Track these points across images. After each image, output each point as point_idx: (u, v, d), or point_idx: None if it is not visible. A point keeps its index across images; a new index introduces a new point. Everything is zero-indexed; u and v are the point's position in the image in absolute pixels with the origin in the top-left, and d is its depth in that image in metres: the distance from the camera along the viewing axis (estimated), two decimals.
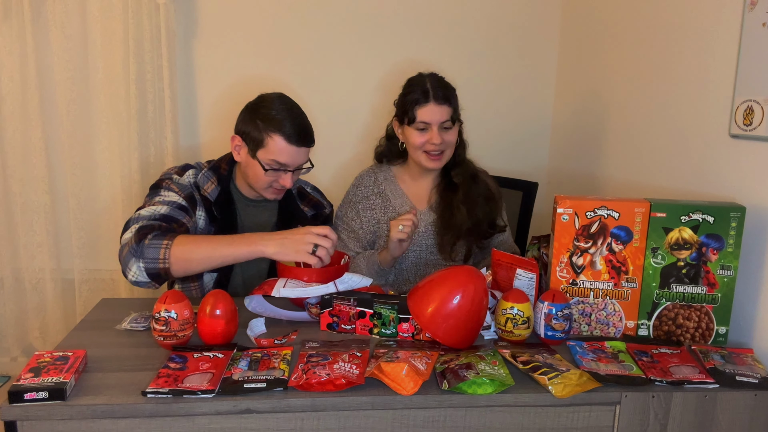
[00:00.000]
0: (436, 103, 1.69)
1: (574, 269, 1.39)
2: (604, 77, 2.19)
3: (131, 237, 1.44)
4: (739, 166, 1.48)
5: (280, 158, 1.56)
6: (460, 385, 1.13)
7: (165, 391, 1.08)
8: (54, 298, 2.46)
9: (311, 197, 1.83)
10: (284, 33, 2.45)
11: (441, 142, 1.71)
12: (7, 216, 2.40)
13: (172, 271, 1.42)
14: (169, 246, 1.40)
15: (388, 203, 1.82)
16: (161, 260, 1.40)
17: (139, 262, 1.41)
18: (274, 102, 1.60)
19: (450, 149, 1.76)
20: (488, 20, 2.53)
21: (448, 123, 1.71)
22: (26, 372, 1.10)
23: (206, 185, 1.65)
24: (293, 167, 1.60)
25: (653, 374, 1.20)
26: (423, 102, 1.70)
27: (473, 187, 1.79)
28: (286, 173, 1.60)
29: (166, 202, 1.55)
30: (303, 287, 1.38)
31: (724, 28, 1.53)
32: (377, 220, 1.81)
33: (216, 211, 1.64)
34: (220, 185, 1.66)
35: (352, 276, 1.40)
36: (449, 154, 1.76)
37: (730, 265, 1.35)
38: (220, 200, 1.65)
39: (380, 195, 1.83)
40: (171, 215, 1.52)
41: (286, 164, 1.58)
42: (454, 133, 1.74)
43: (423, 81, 1.73)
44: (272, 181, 1.61)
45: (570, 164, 2.48)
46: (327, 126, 2.53)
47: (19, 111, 2.32)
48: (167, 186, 1.60)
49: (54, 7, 2.26)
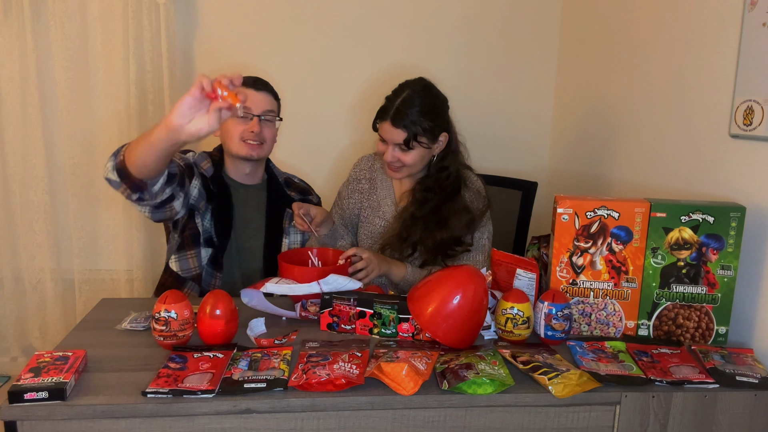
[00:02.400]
0: (391, 125, 1.66)
1: (574, 269, 1.39)
2: (604, 77, 2.19)
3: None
4: (739, 166, 1.48)
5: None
6: (460, 385, 1.13)
7: (165, 391, 1.07)
8: (54, 298, 2.46)
9: (297, 184, 1.94)
10: (284, 33, 2.45)
11: (393, 160, 1.69)
12: (7, 216, 2.40)
13: (127, 164, 1.42)
14: (126, 145, 1.47)
15: (374, 192, 1.84)
16: (121, 153, 1.45)
17: (110, 160, 1.48)
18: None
19: (410, 168, 1.71)
20: (488, 20, 2.53)
21: (403, 146, 1.66)
22: (26, 372, 1.10)
23: (203, 163, 1.78)
24: (257, 111, 1.71)
25: (653, 374, 1.20)
26: (382, 117, 1.68)
27: (446, 205, 1.72)
28: (252, 119, 1.70)
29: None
30: (289, 284, 1.41)
31: (724, 28, 1.53)
32: (361, 204, 1.85)
33: (213, 186, 1.75)
34: (213, 167, 1.78)
35: (338, 277, 1.41)
36: (411, 171, 1.73)
37: (730, 265, 1.35)
38: (214, 178, 1.77)
39: (370, 181, 1.85)
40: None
41: (248, 108, 1.69)
42: (412, 154, 1.68)
43: (397, 95, 1.69)
44: (242, 132, 1.70)
45: (570, 164, 2.48)
46: (327, 125, 2.54)
47: (19, 111, 2.32)
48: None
49: (54, 7, 2.26)
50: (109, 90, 2.35)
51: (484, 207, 1.77)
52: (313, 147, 2.51)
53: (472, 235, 1.75)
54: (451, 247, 1.73)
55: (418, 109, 1.65)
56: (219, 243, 1.75)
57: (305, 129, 2.49)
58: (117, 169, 1.45)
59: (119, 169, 1.45)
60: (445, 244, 1.72)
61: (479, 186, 1.80)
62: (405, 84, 1.72)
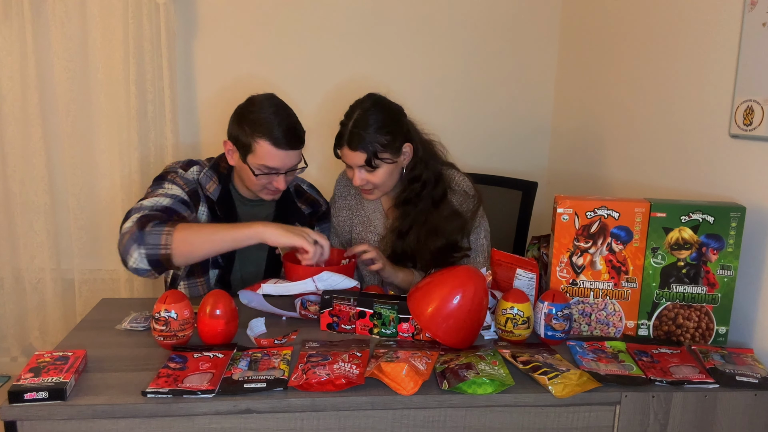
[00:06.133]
0: (349, 149, 1.61)
1: (574, 269, 1.39)
2: (604, 77, 2.19)
3: (133, 225, 1.44)
4: (739, 166, 1.48)
5: (270, 163, 1.55)
6: (460, 385, 1.13)
7: (165, 391, 1.07)
8: (54, 298, 2.46)
9: (308, 195, 1.83)
10: (284, 33, 2.45)
11: (363, 183, 1.65)
12: (7, 216, 2.40)
13: (174, 257, 1.41)
14: (171, 232, 1.40)
15: (361, 207, 1.80)
16: (162, 246, 1.40)
17: (140, 248, 1.40)
18: (262, 104, 1.58)
19: (382, 186, 1.66)
20: (488, 20, 2.53)
21: (367, 167, 1.61)
22: (26, 372, 1.10)
23: (208, 185, 1.65)
24: (284, 170, 1.59)
25: (653, 374, 1.20)
26: (340, 143, 1.63)
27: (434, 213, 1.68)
28: (278, 176, 1.58)
29: (168, 195, 1.55)
30: (285, 285, 1.41)
31: (724, 28, 1.53)
32: (351, 221, 1.81)
33: (219, 211, 1.65)
34: (220, 184, 1.66)
35: (333, 275, 1.41)
36: (384, 189, 1.68)
37: (730, 265, 1.35)
38: (221, 200, 1.66)
39: (356, 196, 1.81)
40: (173, 208, 1.52)
41: (276, 168, 1.56)
42: (379, 172, 1.62)
43: (348, 117, 1.63)
44: (266, 184, 1.60)
45: (570, 164, 2.48)
46: (327, 125, 2.53)
47: (19, 111, 2.32)
48: (172, 179, 1.60)
49: (54, 7, 2.26)
50: (109, 90, 2.35)
51: (475, 207, 1.71)
52: (311, 148, 2.51)
53: (468, 238, 1.72)
54: (449, 255, 1.69)
55: (373, 128, 1.59)
56: (225, 265, 1.68)
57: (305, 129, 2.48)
58: (153, 260, 1.40)
59: (157, 261, 1.41)
60: (442, 252, 1.68)
61: (466, 185, 1.73)
62: (354, 105, 1.66)
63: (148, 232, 1.40)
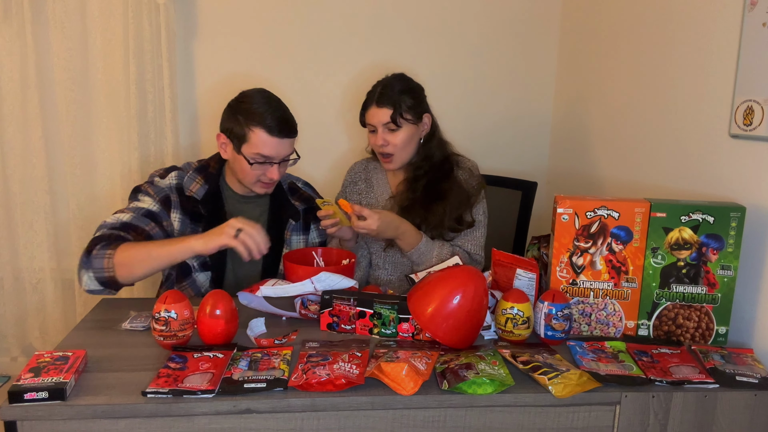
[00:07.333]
0: (377, 106, 1.76)
1: (574, 269, 1.39)
2: (604, 77, 2.19)
3: (84, 249, 1.51)
4: (739, 166, 1.48)
5: (264, 151, 1.59)
6: (460, 385, 1.13)
7: (165, 391, 1.08)
8: (54, 298, 2.45)
9: (302, 192, 1.85)
10: (284, 32, 2.45)
11: (383, 144, 1.77)
12: (7, 216, 2.39)
13: (118, 277, 1.48)
14: (111, 255, 1.47)
15: (371, 190, 1.92)
16: (106, 269, 1.47)
17: (89, 272, 1.48)
18: (253, 97, 1.63)
19: (401, 151, 1.79)
20: (488, 20, 2.53)
21: (391, 125, 1.75)
22: (26, 372, 1.10)
23: (191, 186, 1.68)
24: (278, 159, 1.62)
25: (653, 374, 1.20)
26: (368, 105, 1.79)
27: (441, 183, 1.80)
28: (272, 166, 1.62)
29: (133, 209, 1.62)
30: (283, 286, 1.41)
31: (724, 28, 1.53)
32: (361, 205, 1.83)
33: (203, 209, 1.67)
34: (207, 183, 1.69)
35: (331, 275, 1.41)
36: (402, 155, 1.80)
37: (730, 265, 1.35)
38: (207, 198, 1.68)
39: (366, 181, 1.93)
40: (132, 223, 1.57)
41: (270, 157, 1.60)
42: (400, 134, 1.76)
43: (377, 84, 1.80)
44: (260, 175, 1.63)
45: (570, 164, 2.48)
46: (327, 125, 2.53)
47: (19, 111, 2.32)
48: (144, 190, 1.67)
49: (54, 7, 2.26)
50: (109, 90, 2.35)
51: (479, 184, 1.84)
52: (311, 148, 2.51)
53: (471, 212, 1.82)
54: (454, 226, 1.78)
55: (399, 89, 1.76)
56: (216, 265, 1.69)
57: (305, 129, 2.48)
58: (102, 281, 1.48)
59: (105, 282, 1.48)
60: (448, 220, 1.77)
61: (472, 165, 1.88)
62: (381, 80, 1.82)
63: (94, 256, 1.48)
